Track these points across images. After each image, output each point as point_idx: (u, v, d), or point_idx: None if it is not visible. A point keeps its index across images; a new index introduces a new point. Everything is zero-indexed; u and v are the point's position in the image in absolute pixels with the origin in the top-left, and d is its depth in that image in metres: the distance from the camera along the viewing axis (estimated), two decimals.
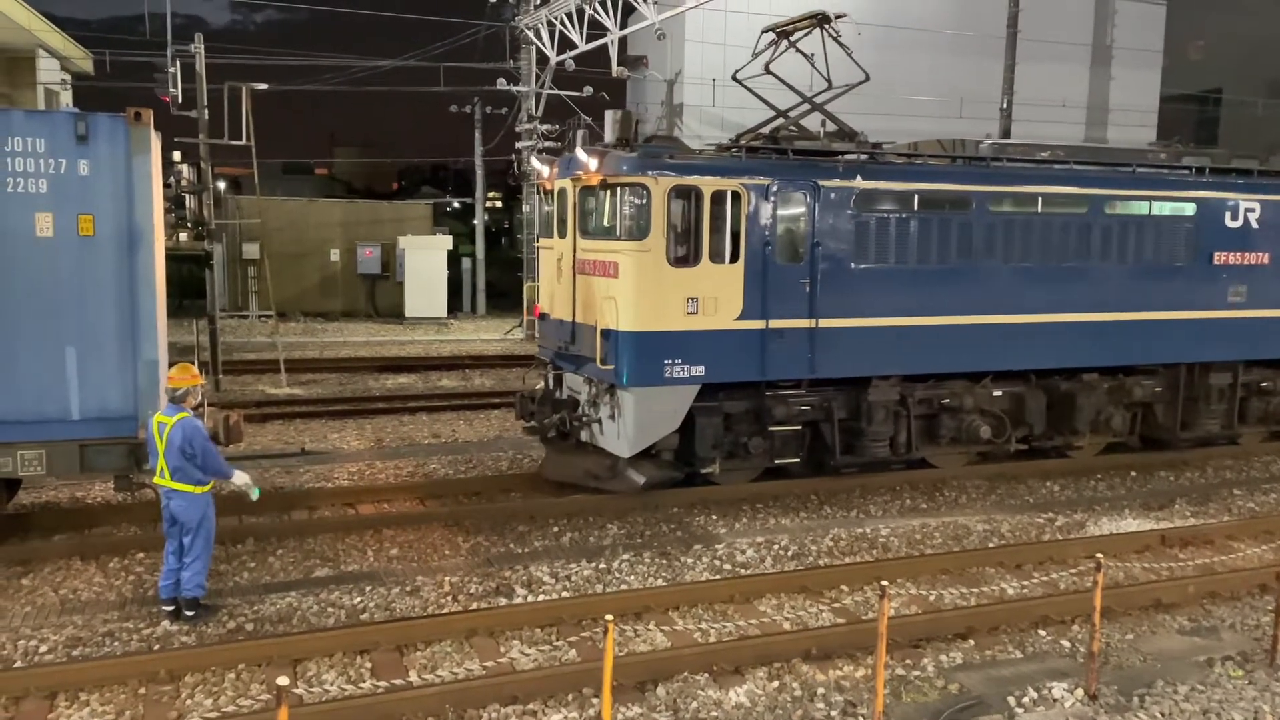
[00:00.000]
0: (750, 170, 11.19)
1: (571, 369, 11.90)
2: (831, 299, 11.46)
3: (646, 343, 10.76)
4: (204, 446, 8.10)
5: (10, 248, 8.97)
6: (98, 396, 9.31)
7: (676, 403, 11.04)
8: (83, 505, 11.46)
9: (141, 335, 9.39)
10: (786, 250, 11.35)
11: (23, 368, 9.11)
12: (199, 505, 8.22)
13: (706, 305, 10.92)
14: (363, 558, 10.00)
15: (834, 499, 12.41)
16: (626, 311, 10.78)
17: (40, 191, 8.98)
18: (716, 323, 10.98)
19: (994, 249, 12.36)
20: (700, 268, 10.86)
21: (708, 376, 11.04)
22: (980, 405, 12.88)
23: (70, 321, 9.19)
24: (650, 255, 10.68)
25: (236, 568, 9.61)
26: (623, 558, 10.05)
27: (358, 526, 10.80)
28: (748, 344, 11.13)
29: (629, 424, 10.95)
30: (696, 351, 10.91)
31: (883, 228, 11.75)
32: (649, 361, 10.79)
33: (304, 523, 10.82)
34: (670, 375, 10.88)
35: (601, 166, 11.02)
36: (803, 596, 9.14)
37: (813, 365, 11.49)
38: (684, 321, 10.85)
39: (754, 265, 11.07)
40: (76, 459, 9.31)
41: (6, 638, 7.90)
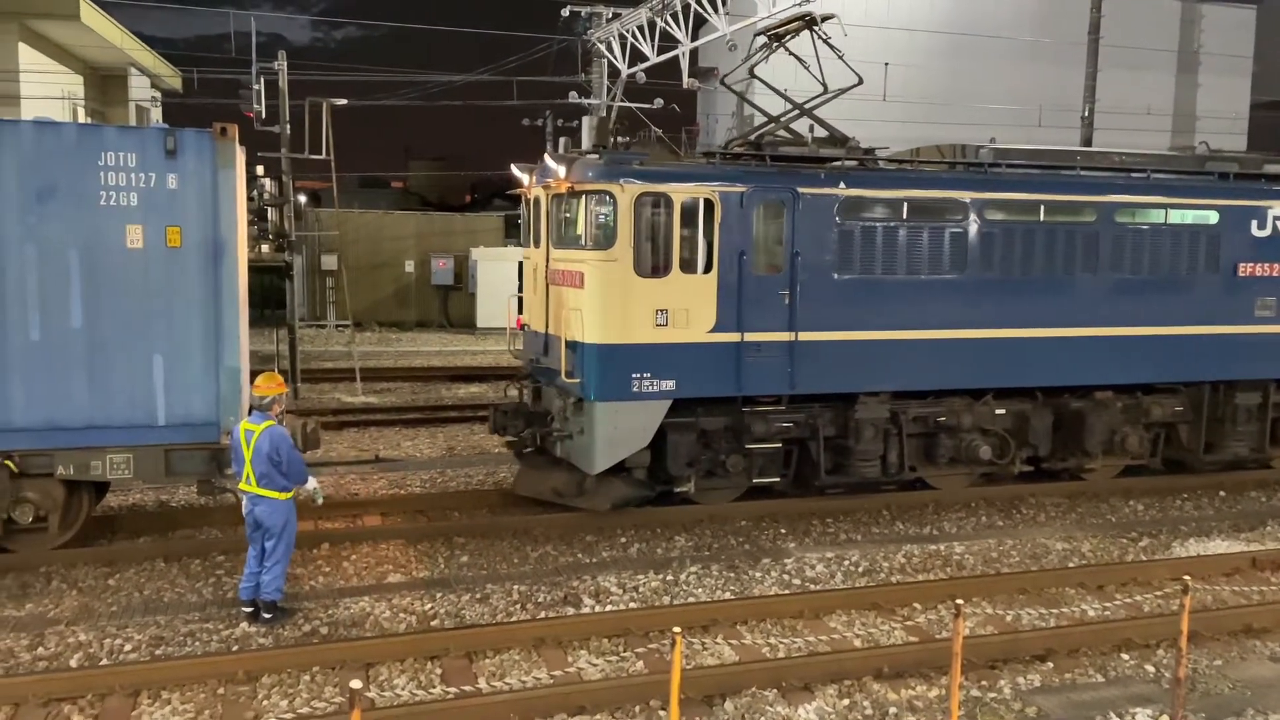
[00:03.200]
0: (724, 177, 10.82)
1: (546, 382, 11.68)
2: (813, 311, 11.06)
3: (613, 356, 10.48)
4: (290, 454, 8.31)
5: (103, 258, 9.32)
6: (183, 403, 9.61)
7: (646, 418, 10.68)
8: (167, 508, 11.82)
9: (225, 343, 9.68)
10: (764, 260, 10.98)
11: (114, 375, 9.44)
12: (283, 511, 8.42)
13: (677, 317, 10.58)
14: (433, 564, 10.13)
15: (907, 515, 12.18)
16: (592, 323, 10.51)
17: (131, 204, 9.32)
18: (688, 335, 10.64)
19: (992, 259, 11.76)
20: (670, 278, 10.57)
21: (679, 391, 10.70)
22: (980, 424, 12.15)
23: (158, 330, 9.51)
24: (617, 265, 10.40)
25: (312, 572, 9.81)
26: (690, 570, 10.00)
27: (429, 533, 10.94)
28: (722, 358, 10.78)
29: (596, 440, 10.59)
30: (667, 365, 10.59)
31: (869, 237, 11.27)
32: (616, 375, 10.49)
33: (377, 529, 11.01)
34: (639, 390, 10.55)
35: (570, 173, 10.76)
36: (874, 614, 8.98)
37: (792, 380, 11.06)
38: (653, 334, 10.53)
39: (728, 276, 10.72)
40: (162, 463, 9.62)
41: (93, 636, 8.18)
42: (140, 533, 10.88)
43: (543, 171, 11.55)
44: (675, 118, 29.61)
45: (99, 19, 24.61)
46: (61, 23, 23.44)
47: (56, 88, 24.75)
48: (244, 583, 8.56)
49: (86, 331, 9.33)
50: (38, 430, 9.30)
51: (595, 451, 10.63)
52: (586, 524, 11.31)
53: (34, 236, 9.14)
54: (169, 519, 11.24)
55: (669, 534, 11.25)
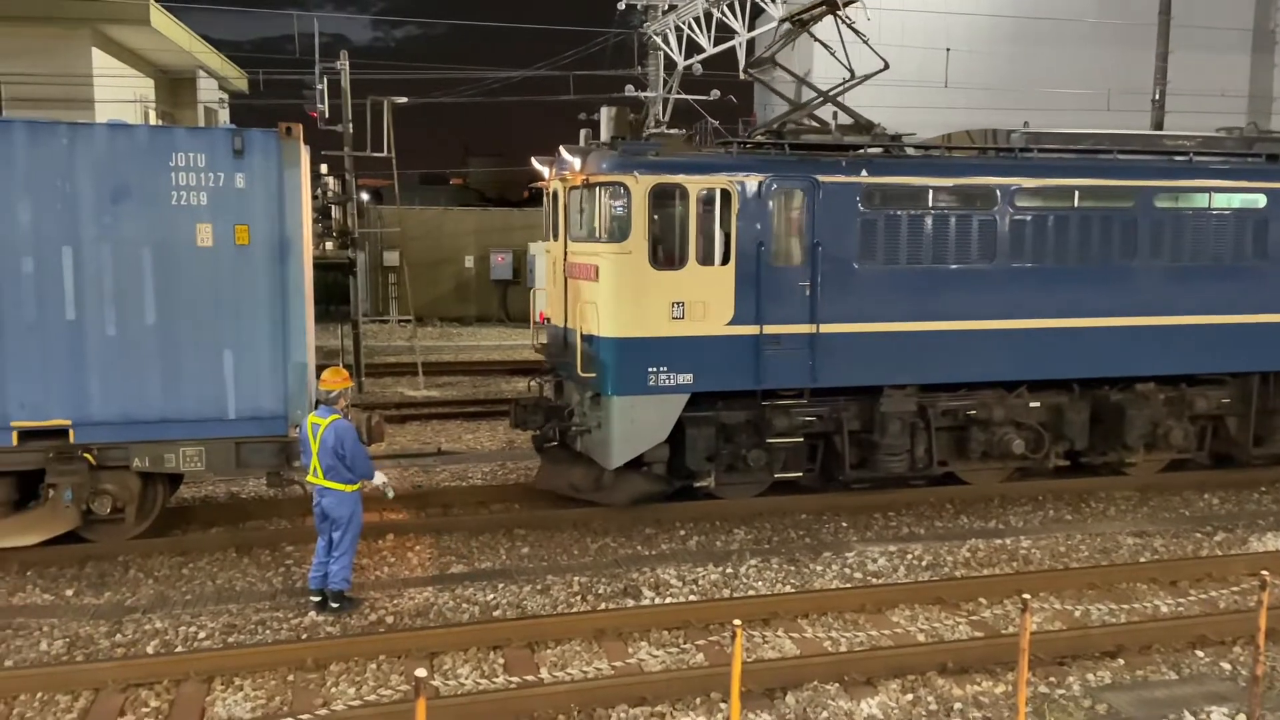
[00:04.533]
0: (741, 167, 10.67)
1: (566, 376, 11.56)
2: (835, 303, 10.88)
3: (628, 349, 10.41)
4: (354, 448, 8.46)
5: (175, 257, 9.57)
6: (252, 397, 9.84)
7: (663, 412, 10.60)
8: (237, 500, 12.12)
9: (292, 339, 9.88)
10: (783, 251, 10.85)
11: (185, 370, 9.70)
12: (349, 503, 8.59)
13: (694, 310, 10.49)
14: (495, 555, 10.24)
15: (971, 508, 11.99)
16: (607, 316, 10.45)
17: (201, 203, 9.56)
18: (705, 328, 10.54)
19: (1024, 247, 11.44)
20: (686, 270, 10.47)
21: (697, 385, 10.61)
22: (1014, 417, 11.83)
23: (227, 326, 9.74)
24: (631, 258, 10.31)
25: (378, 562, 9.99)
26: (750, 563, 9.97)
27: (490, 525, 11.07)
28: (740, 351, 10.65)
29: (613, 434, 10.53)
30: (684, 359, 10.49)
31: (893, 226, 11.04)
32: (632, 369, 10.42)
33: (440, 521, 11.16)
34: (656, 383, 10.46)
35: (584, 166, 10.69)
36: (938, 608, 8.87)
37: (814, 374, 10.88)
38: (669, 327, 10.44)
39: (746, 267, 10.58)
40: (232, 456, 9.86)
41: (169, 624, 8.43)
42: (212, 524, 11.18)
43: (560, 164, 11.52)
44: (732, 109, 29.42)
45: (168, 23, 25.26)
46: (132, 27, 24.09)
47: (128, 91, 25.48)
48: (312, 572, 8.74)
49: (160, 328, 9.60)
50: (115, 424, 9.60)
51: (612, 446, 10.60)
52: (645, 516, 11.33)
53: (109, 236, 9.43)
54: (240, 510, 11.52)
55: (728, 527, 11.22)
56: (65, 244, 9.32)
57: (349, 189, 21.07)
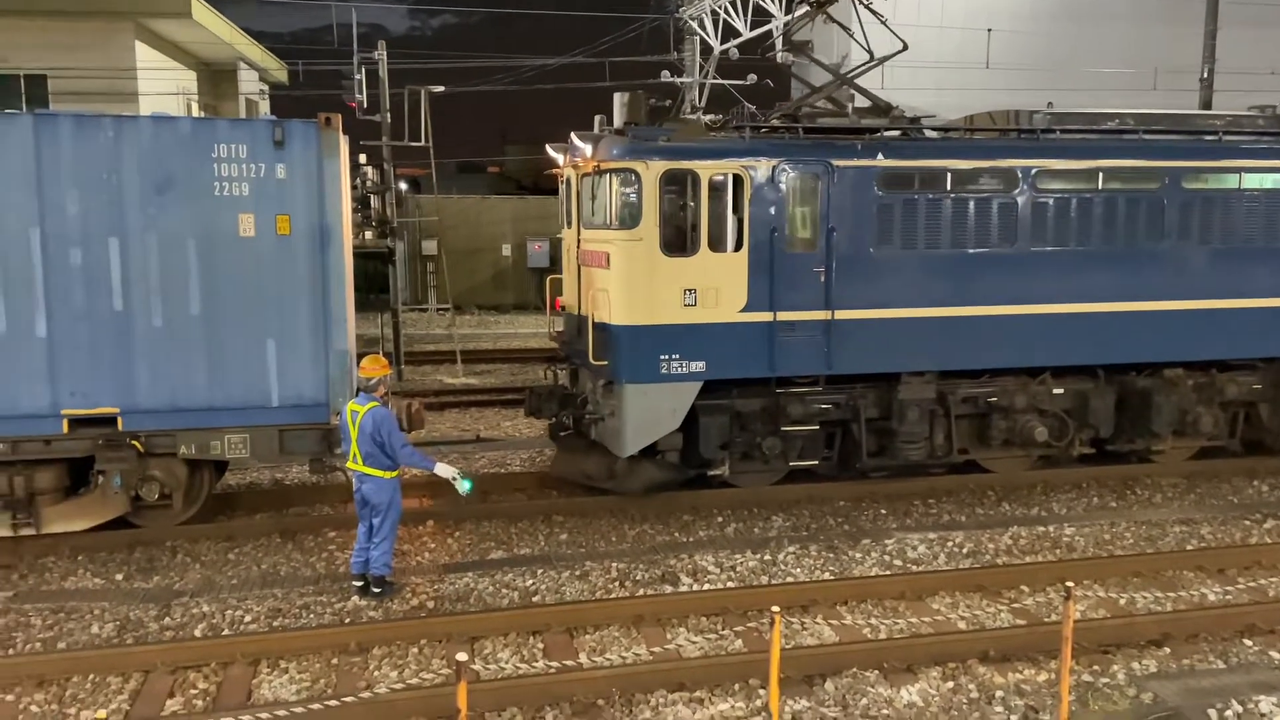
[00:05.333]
0: (754, 151, 10.56)
1: (581, 364, 11.52)
2: (850, 288, 10.75)
3: (640, 337, 10.39)
4: (392, 434, 8.55)
5: (218, 247, 9.72)
6: (294, 385, 9.98)
7: (676, 400, 10.56)
8: (281, 486, 12.32)
9: (333, 327, 10.00)
10: (797, 237, 10.75)
11: (230, 359, 9.86)
12: (388, 489, 8.69)
13: (706, 297, 10.42)
14: (534, 542, 10.34)
15: (1013, 495, 11.87)
16: (619, 304, 10.42)
17: (243, 194, 9.68)
18: (718, 315, 10.47)
19: (1046, 230, 11.22)
20: (698, 257, 10.40)
21: (710, 373, 10.56)
22: (1036, 404, 11.66)
23: (270, 315, 9.88)
24: (642, 245, 10.27)
25: (418, 548, 10.11)
26: (788, 550, 9.96)
27: (529, 512, 11.16)
28: (754, 338, 10.59)
29: (626, 422, 10.52)
30: (696, 346, 10.46)
31: (910, 210, 10.89)
32: (644, 357, 10.41)
33: (479, 507, 11.26)
34: (668, 371, 10.44)
35: (595, 152, 10.63)
36: (979, 596, 8.80)
37: (829, 361, 10.80)
38: (681, 314, 10.40)
39: (760, 253, 10.49)
40: (276, 443, 10.02)
41: (216, 608, 8.61)
42: (257, 510, 11.37)
43: (573, 151, 11.48)
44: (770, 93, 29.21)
45: (209, 15, 25.56)
46: (174, 20, 24.42)
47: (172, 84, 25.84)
48: (354, 558, 8.87)
49: (204, 317, 9.76)
50: (161, 412, 9.78)
51: (625, 434, 10.60)
52: (683, 503, 11.36)
53: (154, 226, 9.58)
54: (283, 496, 11.70)
55: (766, 514, 11.22)
56: (112, 235, 9.49)
57: (387, 178, 21.24)
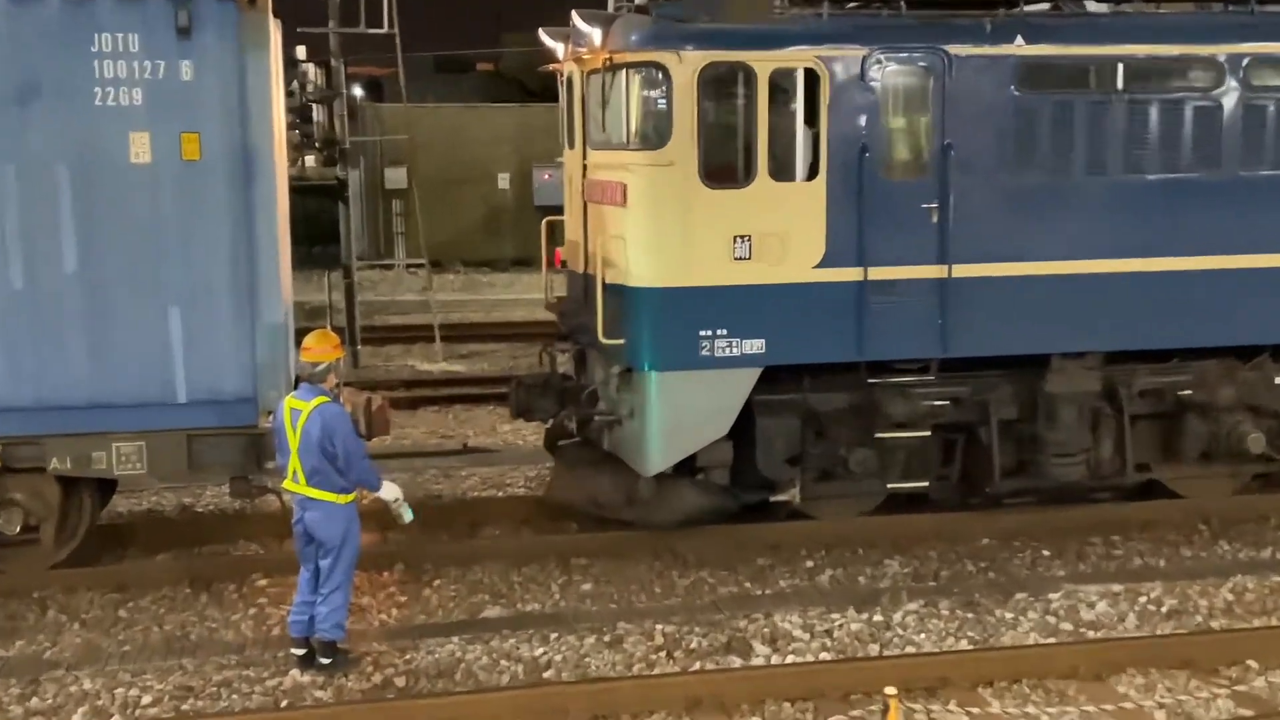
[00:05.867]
0: (835, 36, 10.49)
1: (590, 343, 11.50)
2: (976, 233, 10.74)
3: (671, 304, 10.42)
4: (348, 442, 8.57)
5: (99, 178, 9.81)
6: (209, 373, 10.09)
7: (723, 395, 10.58)
8: (191, 516, 12.46)
9: (262, 292, 10.09)
10: (898, 159, 10.85)
11: (118, 336, 9.98)
12: (341, 519, 8.72)
13: (766, 247, 10.38)
14: (545, 594, 10.38)
15: (1234, 530, 11.78)
16: (640, 257, 10.43)
17: (134, 104, 9.76)
18: (783, 273, 10.47)
19: (1264, 147, 11.03)
20: (755, 189, 10.37)
21: (772, 355, 10.55)
22: (1251, 399, 11.48)
23: (173, 273, 9.98)
24: (674, 171, 10.25)
25: (383, 602, 10.16)
26: (908, 607, 9.94)
27: (539, 552, 11.20)
28: (835, 305, 10.58)
29: (651, 427, 10.54)
30: (752, 317, 10.46)
31: (1064, 118, 10.83)
32: (676, 333, 10.42)
33: (468, 545, 11.33)
34: (711, 353, 10.43)
35: (607, 40, 10.59)
36: (1185, 674, 8.74)
37: (945, 338, 10.77)
38: (730, 272, 10.38)
39: (844, 183, 10.49)
40: (183, 454, 10.14)
41: (101, 684, 8.68)
42: (158, 548, 11.46)
43: (574, 37, 11.42)
44: None
45: None
46: None
47: None
48: (294, 615, 8.94)
49: (83, 278, 9.88)
50: (23, 410, 9.90)
51: (650, 444, 10.58)
52: (757, 540, 11.37)
53: (11, 151, 9.69)
54: (194, 530, 11.83)
55: (876, 556, 11.21)
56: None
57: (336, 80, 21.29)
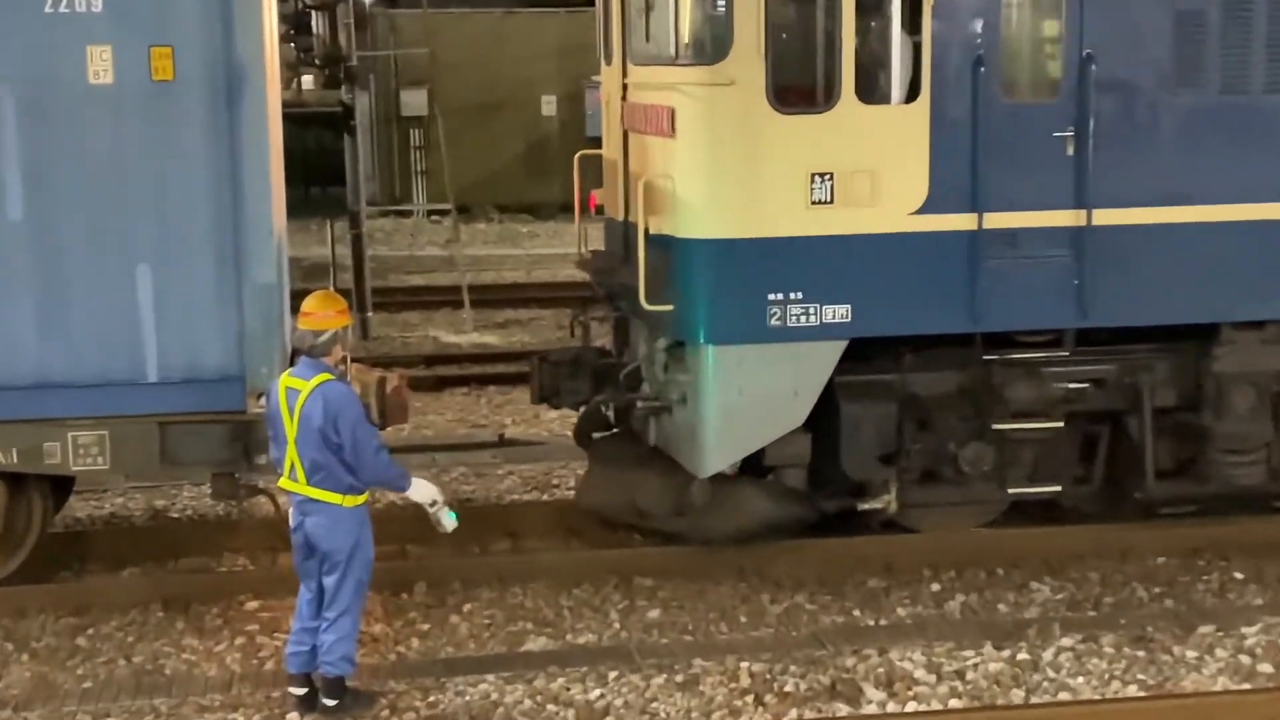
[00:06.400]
0: None
1: (631, 310, 11.49)
2: (1123, 168, 10.65)
3: (731, 261, 10.40)
4: (358, 430, 8.56)
5: (50, 103, 9.86)
6: (185, 345, 10.14)
7: (798, 375, 10.54)
8: (165, 522, 12.57)
9: (251, 244, 10.11)
10: (1022, 75, 10.93)
11: (71, 298, 10.05)
12: (348, 526, 8.71)
13: (852, 187, 10.32)
14: (602, 622, 10.40)
15: None
16: (691, 201, 10.43)
17: (93, 10, 9.77)
18: (874, 221, 10.42)
19: None
20: (838, 114, 10.29)
21: (859, 325, 10.51)
22: None
23: (141, 221, 10.03)
24: (734, 92, 10.19)
25: (402, 631, 10.20)
26: (1061, 643, 9.86)
27: (594, 569, 11.23)
28: (941, 261, 10.56)
29: (707, 415, 10.54)
30: (835, 277, 10.42)
31: (1240, 20, 10.67)
32: (738, 297, 10.39)
33: (506, 560, 11.41)
34: (782, 323, 10.38)
35: None
36: None
37: (1083, 302, 10.71)
38: (806, 220, 10.32)
39: (953, 106, 10.45)
40: (155, 446, 10.18)
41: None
42: (125, 562, 11.56)
43: None
44: None
45: None
46: None
47: None
48: (293, 646, 8.96)
49: (30, 227, 9.94)
50: None
51: (705, 436, 10.57)
52: (868, 558, 11.37)
53: None
54: (169, 540, 11.90)
55: (1019, 578, 11.18)
56: None
57: None
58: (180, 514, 12.80)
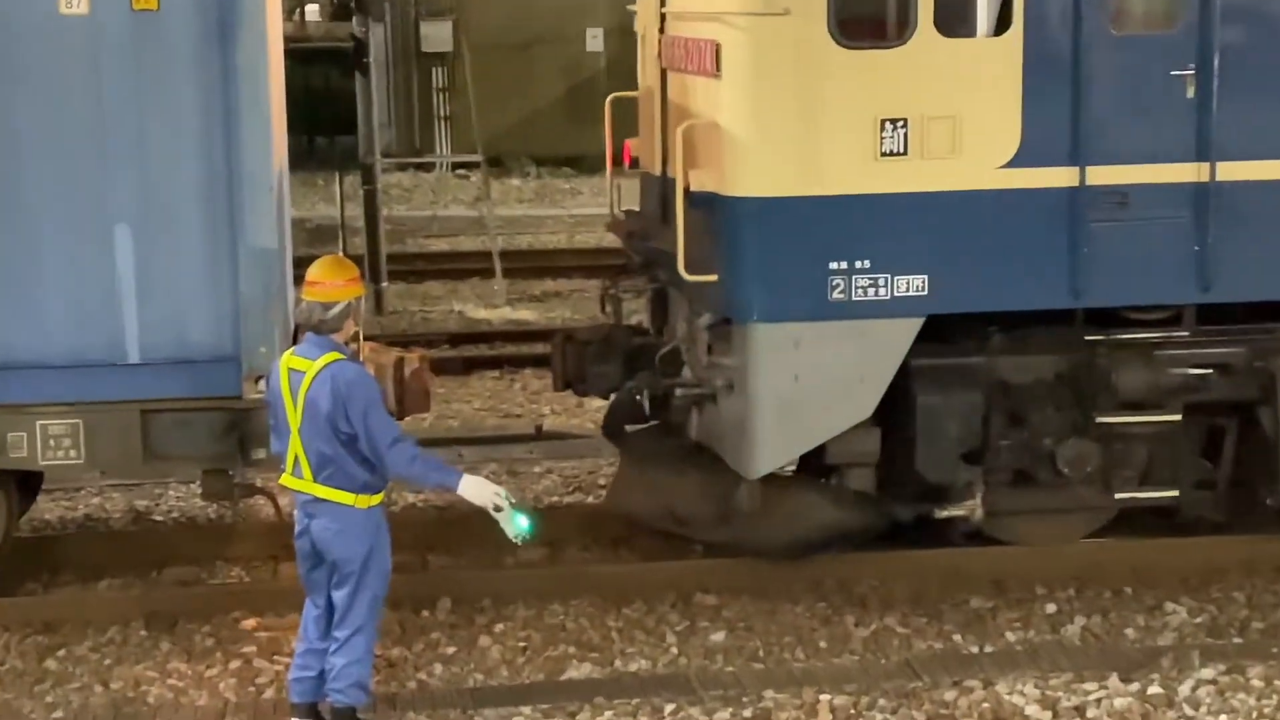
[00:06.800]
0: None
1: (669, 279, 11.49)
2: (1254, 114, 10.63)
3: (787, 223, 10.36)
4: (369, 415, 8.55)
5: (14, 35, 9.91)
6: (172, 319, 10.21)
7: (866, 359, 10.55)
8: (148, 527, 12.68)
9: (247, 202, 10.15)
10: (1135, 2, 10.87)
11: (41, 266, 10.14)
12: (362, 531, 8.74)
13: (930, 136, 10.30)
14: (657, 646, 10.41)
15: None
16: (739, 152, 10.40)
17: None
18: (957, 176, 10.40)
19: None
20: (914, 49, 10.28)
21: (939, 299, 10.50)
22: None
23: (120, 175, 10.09)
24: (790, 24, 10.13)
25: (423, 655, 10.25)
26: (1201, 674, 9.81)
27: (647, 584, 11.25)
28: (1036, 223, 10.58)
29: (758, 407, 10.50)
30: (910, 242, 10.42)
31: None
32: (795, 266, 10.36)
33: (544, 573, 11.45)
34: (847, 297, 10.39)
35: None
36: None
37: (1205, 273, 10.65)
38: (876, 174, 10.33)
39: (1050, 39, 10.43)
40: (136, 437, 10.25)
41: None
42: (102, 572, 11.64)
43: None
44: None
45: None
46: None
47: None
48: (297, 671, 9.01)
49: None
50: None
51: (756, 430, 10.54)
52: (968, 570, 11.37)
53: None
54: (153, 546, 11.98)
55: (1150, 599, 11.15)
56: None
57: None
58: (166, 517, 12.90)
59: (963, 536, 11.50)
